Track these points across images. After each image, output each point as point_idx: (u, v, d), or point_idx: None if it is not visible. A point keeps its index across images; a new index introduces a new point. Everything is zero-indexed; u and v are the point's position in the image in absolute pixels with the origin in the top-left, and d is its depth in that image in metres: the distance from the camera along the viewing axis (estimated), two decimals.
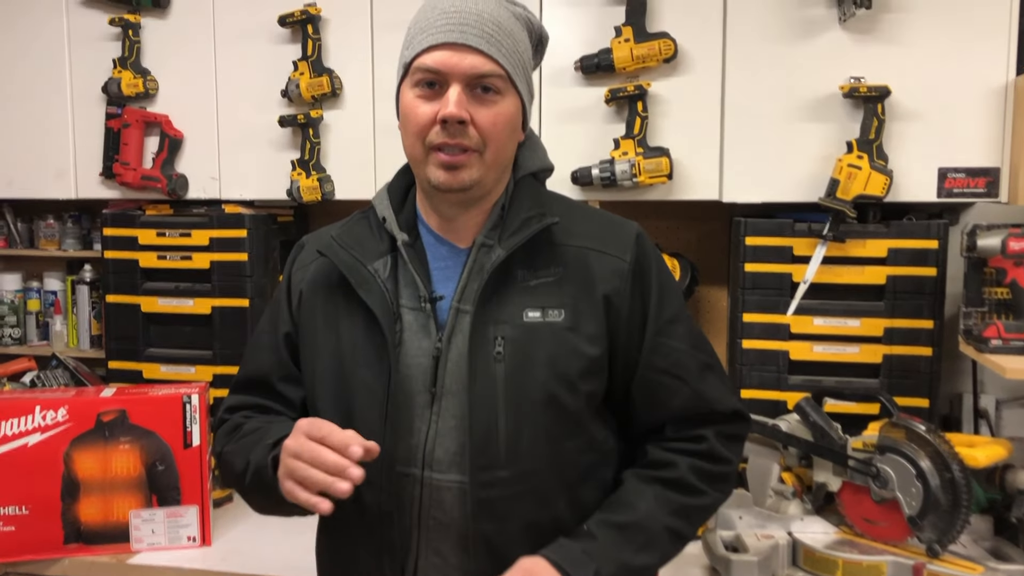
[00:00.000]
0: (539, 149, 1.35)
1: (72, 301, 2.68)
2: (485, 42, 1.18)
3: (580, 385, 1.22)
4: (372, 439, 1.17)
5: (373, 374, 1.22)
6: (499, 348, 1.20)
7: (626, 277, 1.25)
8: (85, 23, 2.36)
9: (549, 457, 1.21)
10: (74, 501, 1.93)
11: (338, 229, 1.33)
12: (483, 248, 1.24)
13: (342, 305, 1.27)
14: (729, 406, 1.28)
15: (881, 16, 1.94)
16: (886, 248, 2.02)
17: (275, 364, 1.36)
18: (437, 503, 1.21)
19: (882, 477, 1.75)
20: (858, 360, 2.06)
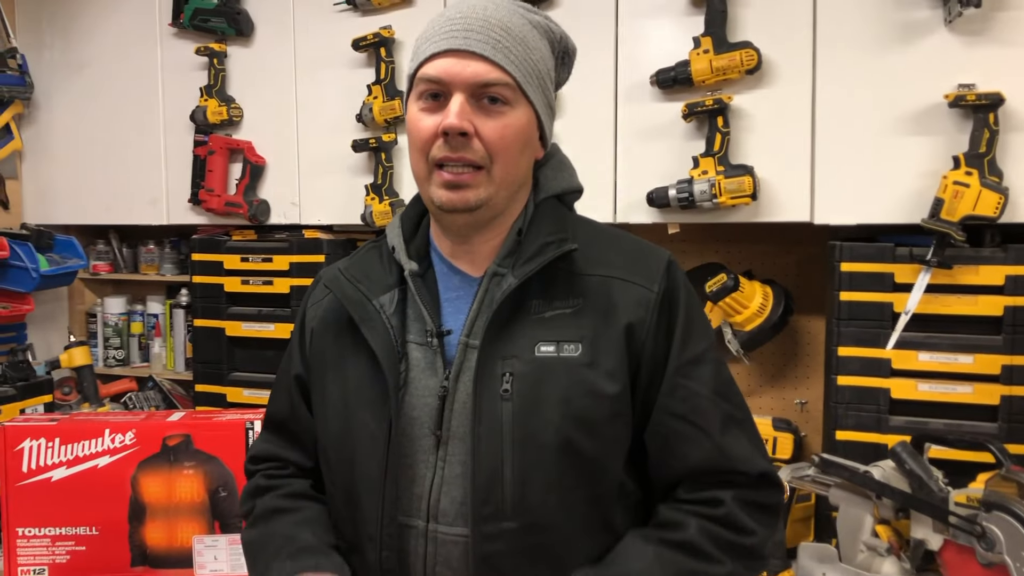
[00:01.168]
0: (566, 169, 1.23)
1: (170, 324, 2.75)
2: (490, 48, 1.07)
3: (601, 428, 1.09)
4: (372, 491, 1.11)
5: (376, 419, 1.12)
6: (506, 385, 1.09)
7: (652, 308, 1.11)
8: (176, 54, 2.43)
9: (563, 508, 1.08)
10: (140, 524, 1.95)
11: (347, 261, 1.25)
12: (495, 277, 1.13)
13: (349, 343, 1.18)
14: (757, 468, 1.11)
15: (993, 15, 1.73)
16: (1003, 275, 1.79)
17: (289, 408, 1.30)
18: (444, 560, 1.09)
19: (988, 538, 1.53)
20: (971, 401, 1.83)
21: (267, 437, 1.34)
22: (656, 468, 1.13)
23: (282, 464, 1.30)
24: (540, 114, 1.14)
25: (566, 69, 1.23)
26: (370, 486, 1.11)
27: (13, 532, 1.92)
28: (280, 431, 1.31)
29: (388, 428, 1.11)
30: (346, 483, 1.16)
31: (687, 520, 1.09)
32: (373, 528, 1.11)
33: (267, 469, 1.31)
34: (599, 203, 2.03)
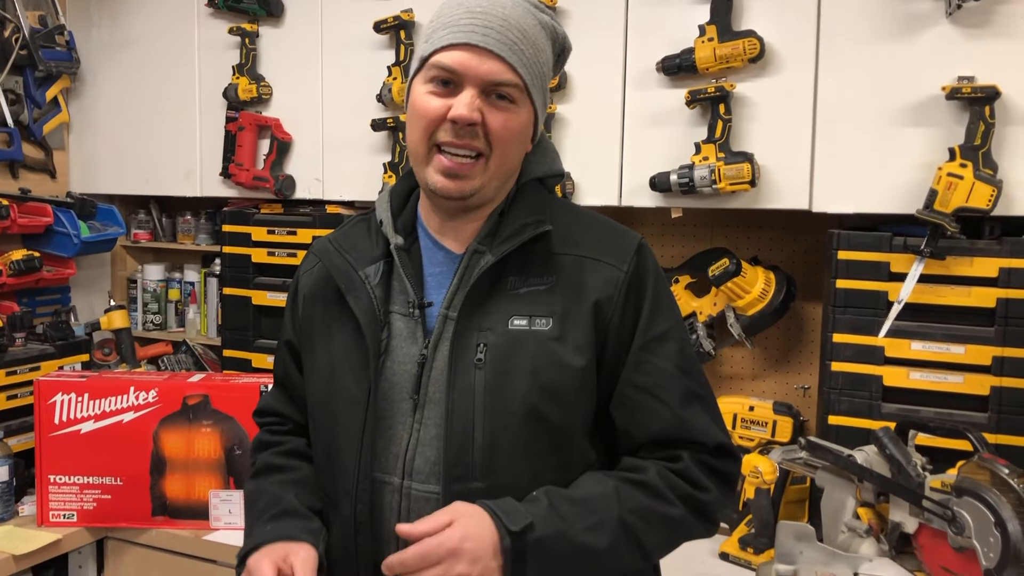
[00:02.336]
0: (549, 153, 1.30)
1: (204, 292, 2.88)
2: (508, 49, 1.13)
3: (567, 398, 1.16)
4: (351, 448, 1.20)
5: (357, 381, 1.21)
6: (480, 355, 1.16)
7: (620, 286, 1.18)
8: (211, 33, 2.54)
9: (528, 472, 1.16)
10: (161, 477, 2.08)
11: (338, 231, 1.34)
12: (475, 255, 1.21)
13: (336, 311, 1.26)
14: (714, 439, 1.18)
15: (995, 8, 1.74)
16: (997, 268, 1.80)
17: (284, 371, 1.40)
18: (416, 513, 1.17)
19: (958, 522, 1.57)
20: (962, 391, 1.85)
21: (274, 392, 1.45)
22: (621, 438, 1.21)
23: (283, 419, 1.41)
24: (538, 113, 1.21)
25: (559, 66, 1.30)
26: (349, 444, 1.20)
27: (45, 479, 2.07)
28: (281, 389, 1.42)
29: (368, 391, 1.19)
30: (327, 441, 1.26)
31: (647, 465, 1.17)
32: (349, 483, 1.20)
33: (271, 424, 1.42)
34: (605, 187, 2.09)
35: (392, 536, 1.19)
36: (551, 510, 1.10)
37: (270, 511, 1.26)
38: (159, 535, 2.09)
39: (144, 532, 2.09)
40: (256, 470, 1.37)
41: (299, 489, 1.29)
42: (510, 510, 1.09)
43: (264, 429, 1.43)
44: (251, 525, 1.28)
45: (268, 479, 1.33)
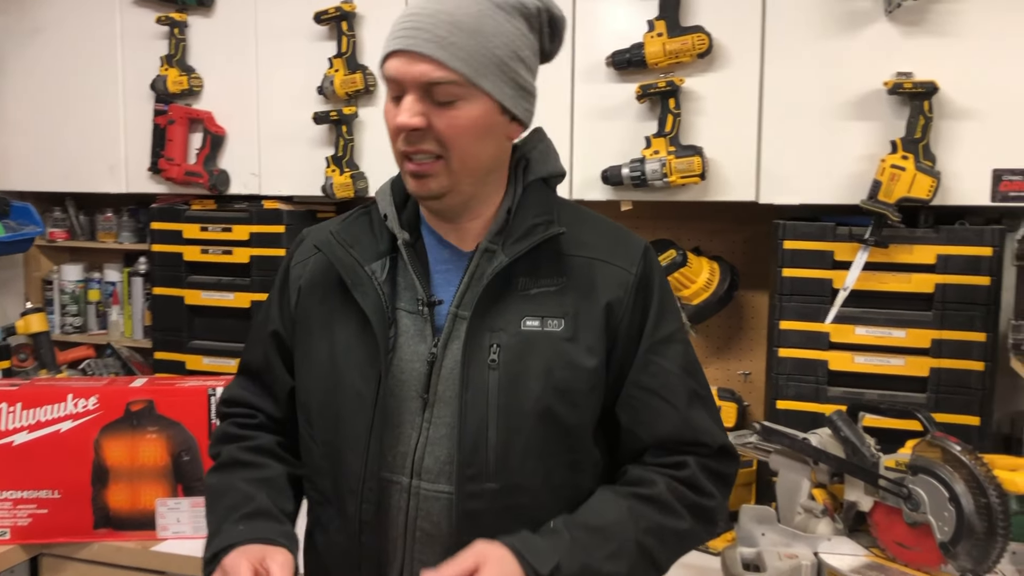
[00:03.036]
0: (552, 154, 1.29)
1: (128, 292, 2.76)
2: (434, 46, 1.10)
3: (578, 399, 1.17)
4: (356, 447, 1.18)
5: (363, 379, 1.19)
6: (494, 356, 1.16)
7: (630, 289, 1.20)
8: (136, 22, 2.43)
9: (540, 472, 1.16)
10: (103, 487, 1.98)
11: (338, 224, 1.30)
12: (486, 253, 1.19)
13: (338, 305, 1.24)
14: (718, 440, 1.21)
15: (931, 7, 1.82)
16: (935, 255, 1.90)
17: (264, 361, 1.35)
18: (425, 514, 1.17)
19: (914, 499, 1.64)
20: (903, 373, 1.94)
21: (242, 383, 1.39)
22: (626, 438, 1.22)
23: (252, 412, 1.36)
24: (500, 99, 1.16)
25: (555, 38, 1.24)
26: (355, 442, 1.18)
27: None
28: (254, 380, 1.37)
29: (376, 388, 1.17)
30: (328, 439, 1.23)
31: (656, 478, 1.19)
32: (355, 482, 1.18)
33: (238, 416, 1.37)
34: None
35: (399, 536, 1.18)
36: (573, 543, 1.11)
37: (241, 509, 1.21)
38: (102, 548, 1.99)
39: (85, 547, 1.99)
40: (221, 463, 1.32)
41: (270, 489, 1.26)
42: (535, 549, 1.08)
43: (230, 421, 1.38)
44: (219, 522, 1.22)
45: (236, 474, 1.28)
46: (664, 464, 1.21)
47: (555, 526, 1.14)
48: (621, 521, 1.15)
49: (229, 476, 1.29)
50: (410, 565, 1.18)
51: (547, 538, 1.11)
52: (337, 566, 1.23)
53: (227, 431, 1.36)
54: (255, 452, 1.32)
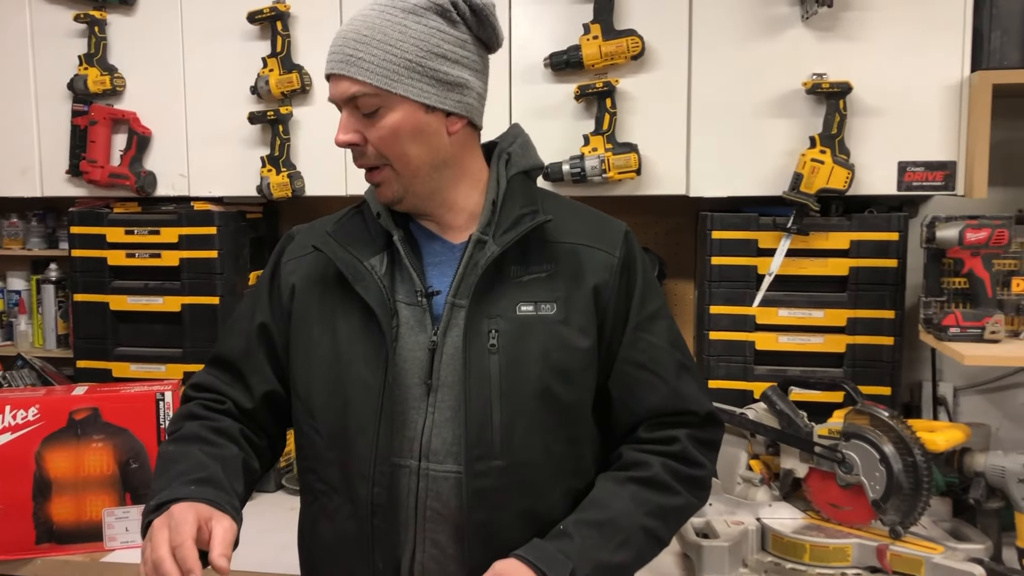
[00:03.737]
0: (531, 148, 1.37)
1: (37, 301, 2.65)
2: (347, 65, 1.20)
3: (575, 377, 1.25)
4: (365, 433, 1.22)
5: (370, 369, 1.24)
6: (493, 341, 1.22)
7: (615, 271, 1.28)
8: (49, 20, 2.34)
9: (543, 448, 1.24)
10: (46, 500, 1.92)
11: (332, 224, 1.34)
12: (478, 244, 1.26)
13: (338, 301, 1.28)
14: (704, 408, 1.31)
15: (842, 14, 1.99)
16: (848, 240, 2.07)
17: (243, 351, 1.38)
18: (435, 494, 1.22)
19: (847, 463, 1.80)
20: (822, 350, 2.11)
21: (213, 372, 1.41)
22: (619, 411, 1.30)
23: (221, 399, 1.38)
24: (421, 99, 1.21)
25: (484, 25, 1.25)
26: (363, 430, 1.22)
27: None
28: (228, 370, 1.39)
29: (383, 377, 1.22)
30: (333, 429, 1.26)
31: (650, 459, 1.27)
32: (366, 467, 1.22)
33: (205, 400, 1.38)
34: None
35: (410, 517, 1.23)
36: (584, 543, 1.18)
37: (194, 474, 1.22)
38: (46, 564, 1.93)
39: (27, 563, 1.93)
40: (181, 436, 1.32)
41: (224, 466, 1.27)
42: (550, 560, 1.15)
43: (196, 402, 1.39)
44: (168, 482, 1.21)
45: (194, 446, 1.29)
46: (656, 441, 1.29)
47: (564, 528, 1.21)
48: (625, 510, 1.23)
49: (186, 447, 1.29)
50: (422, 544, 1.23)
51: (558, 543, 1.19)
52: (347, 554, 1.27)
53: (192, 410, 1.37)
54: (216, 433, 1.33)
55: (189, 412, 1.37)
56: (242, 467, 1.31)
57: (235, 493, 1.25)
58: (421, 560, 1.23)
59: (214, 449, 1.30)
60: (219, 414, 1.37)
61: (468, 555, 1.21)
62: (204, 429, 1.33)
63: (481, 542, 1.21)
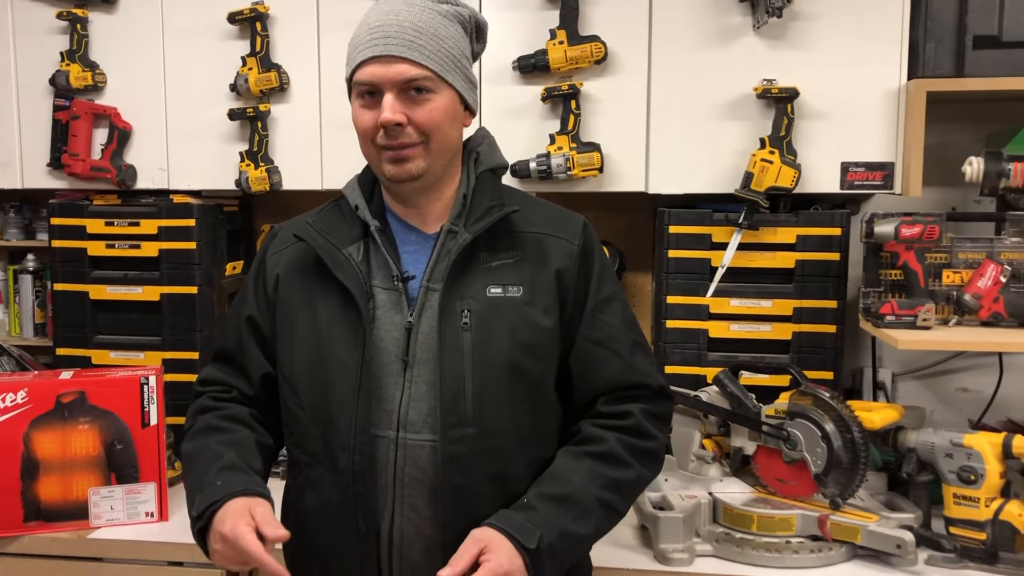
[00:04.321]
0: (496, 149, 1.50)
1: (14, 290, 2.71)
2: (408, 48, 1.31)
3: (540, 353, 1.38)
4: (345, 408, 1.34)
5: (348, 349, 1.35)
6: (466, 320, 1.35)
7: (575, 258, 1.41)
8: (30, 17, 2.40)
9: (511, 417, 1.36)
10: (34, 480, 2.00)
11: (313, 216, 1.45)
12: (450, 233, 1.38)
13: (318, 287, 1.40)
14: (657, 382, 1.44)
15: (790, 24, 2.13)
16: (795, 235, 2.22)
17: (238, 344, 1.50)
18: (412, 461, 1.34)
19: (792, 440, 1.95)
20: (771, 337, 2.26)
21: (217, 367, 1.54)
22: (579, 385, 1.43)
23: (227, 388, 1.51)
24: (461, 91, 1.38)
25: (481, 41, 1.47)
26: (343, 404, 1.34)
27: None
28: (228, 363, 1.52)
29: (360, 355, 1.33)
30: (316, 404, 1.38)
31: (606, 435, 1.40)
32: (347, 439, 1.33)
33: (213, 392, 1.51)
34: None
35: (388, 484, 1.35)
36: (547, 514, 1.31)
37: (215, 465, 1.37)
38: (33, 541, 2.01)
39: (15, 540, 2.00)
40: (195, 430, 1.47)
41: (239, 449, 1.41)
42: (520, 528, 1.28)
43: (206, 395, 1.53)
44: (197, 481, 1.37)
45: (209, 438, 1.44)
46: (612, 416, 1.42)
47: (528, 502, 1.33)
48: (583, 484, 1.36)
49: (203, 440, 1.44)
50: (401, 508, 1.35)
51: (525, 514, 1.31)
52: (332, 520, 1.38)
53: (203, 403, 1.51)
54: (227, 419, 1.47)
55: (200, 407, 1.51)
56: (256, 446, 1.45)
57: (255, 471, 1.39)
58: (400, 523, 1.35)
59: (227, 436, 1.44)
60: (227, 402, 1.50)
61: (442, 517, 1.34)
62: (215, 419, 1.46)
63: (454, 504, 1.34)
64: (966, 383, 2.51)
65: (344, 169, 2.08)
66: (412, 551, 1.36)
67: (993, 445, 1.86)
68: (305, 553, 1.44)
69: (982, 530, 1.84)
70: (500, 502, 1.35)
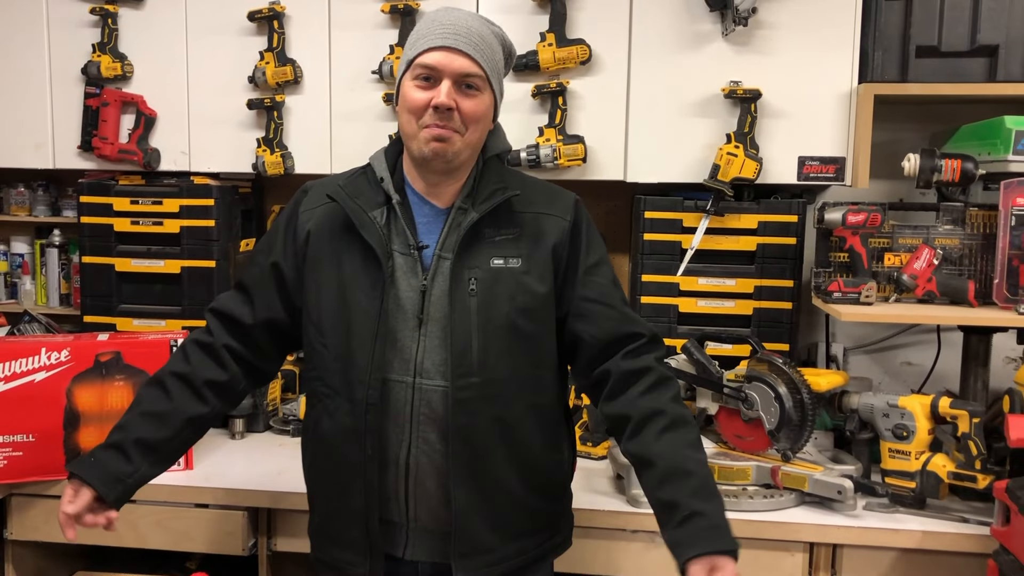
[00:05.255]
0: (502, 135, 1.75)
1: (41, 263, 2.93)
2: (473, 49, 1.56)
3: (535, 315, 1.63)
4: (364, 349, 1.59)
5: (368, 299, 1.60)
6: (472, 286, 1.59)
7: (567, 232, 1.66)
8: (63, 11, 2.62)
9: (510, 368, 1.62)
10: (75, 430, 2.23)
11: (344, 180, 1.70)
12: (460, 210, 1.63)
13: (345, 245, 1.64)
14: (649, 329, 1.69)
15: (755, 32, 2.39)
16: (756, 221, 2.48)
17: (258, 281, 1.74)
18: (426, 403, 1.60)
19: (749, 400, 2.21)
20: (734, 312, 2.52)
21: (232, 294, 1.78)
22: (585, 340, 1.66)
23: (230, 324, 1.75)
24: (497, 98, 1.64)
25: (509, 65, 1.74)
26: (362, 347, 1.59)
27: None
28: (243, 291, 1.76)
29: (379, 305, 1.58)
30: (338, 345, 1.62)
31: (657, 404, 1.59)
32: (364, 375, 1.59)
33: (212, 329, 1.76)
34: None
35: (406, 420, 1.60)
36: (714, 511, 1.48)
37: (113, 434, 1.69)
38: None
39: (58, 483, 2.23)
40: (152, 379, 1.76)
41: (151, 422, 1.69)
42: (724, 537, 1.44)
43: (202, 330, 1.77)
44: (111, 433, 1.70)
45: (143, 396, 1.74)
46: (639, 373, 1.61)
47: (695, 509, 1.46)
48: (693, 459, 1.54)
49: (140, 394, 1.74)
50: (416, 441, 1.61)
51: (706, 523, 1.44)
52: (345, 443, 1.62)
53: (184, 344, 1.78)
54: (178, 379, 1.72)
55: (182, 348, 1.77)
56: (183, 421, 1.70)
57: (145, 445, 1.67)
58: (415, 455, 1.61)
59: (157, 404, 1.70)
60: (204, 354, 1.73)
61: (450, 449, 1.60)
62: (169, 375, 1.72)
63: (461, 440, 1.59)
64: (910, 357, 2.79)
65: (351, 155, 2.38)
66: (425, 478, 1.62)
67: (923, 406, 2.13)
68: (321, 472, 1.70)
69: (912, 479, 2.12)
70: (499, 439, 1.61)
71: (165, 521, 2.23)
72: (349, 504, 1.63)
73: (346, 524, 1.65)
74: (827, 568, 2.07)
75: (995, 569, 1.87)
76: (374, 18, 2.51)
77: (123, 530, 2.18)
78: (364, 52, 2.52)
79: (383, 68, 2.48)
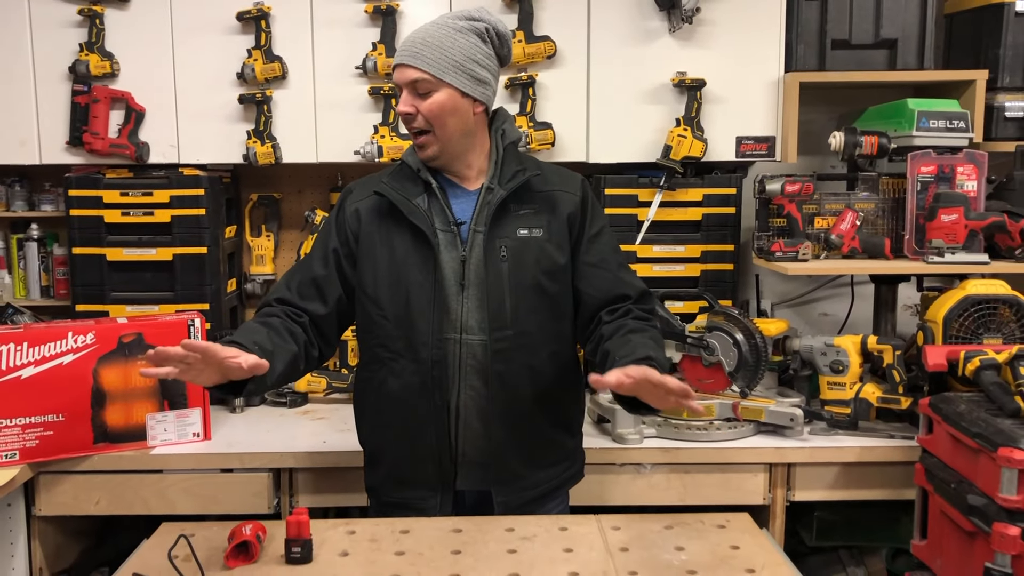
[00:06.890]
0: (515, 126, 2.00)
1: (19, 256, 3.00)
2: (414, 59, 1.81)
3: (556, 277, 1.92)
4: (423, 316, 1.84)
5: (423, 274, 1.85)
6: (504, 253, 1.87)
7: (578, 205, 1.96)
8: (47, 11, 2.71)
9: (537, 323, 1.90)
10: (101, 408, 2.37)
11: (386, 177, 1.93)
12: (488, 190, 1.90)
13: (394, 230, 1.89)
14: (640, 287, 2.00)
15: (698, 28, 2.74)
16: (701, 194, 2.84)
17: (324, 270, 1.95)
18: (471, 354, 1.87)
19: (710, 348, 2.56)
20: (684, 275, 2.87)
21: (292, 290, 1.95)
22: (585, 297, 1.96)
23: (299, 313, 1.93)
24: (461, 88, 1.84)
25: (503, 46, 1.93)
26: (422, 313, 1.86)
27: None
28: (311, 285, 1.95)
29: (433, 277, 1.84)
30: (399, 313, 1.87)
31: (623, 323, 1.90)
32: (426, 337, 1.85)
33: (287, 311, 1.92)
34: None
35: (456, 370, 1.87)
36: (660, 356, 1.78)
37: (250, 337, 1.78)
38: (101, 459, 2.37)
39: (84, 460, 2.36)
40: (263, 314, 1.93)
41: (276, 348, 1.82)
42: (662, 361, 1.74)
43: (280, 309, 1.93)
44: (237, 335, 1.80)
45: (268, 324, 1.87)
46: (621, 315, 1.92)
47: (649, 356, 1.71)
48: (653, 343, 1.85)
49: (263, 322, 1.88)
50: (464, 387, 1.88)
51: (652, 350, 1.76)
52: (415, 397, 1.88)
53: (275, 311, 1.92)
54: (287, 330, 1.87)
55: (273, 312, 1.93)
56: (289, 357, 1.85)
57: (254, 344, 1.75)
58: (464, 399, 1.88)
59: (277, 338, 1.84)
60: (294, 323, 1.92)
61: (491, 392, 1.88)
62: (278, 323, 1.88)
63: (499, 384, 1.87)
64: (826, 309, 3.22)
65: (334, 145, 2.65)
66: (471, 417, 1.89)
67: (855, 344, 2.54)
68: (388, 426, 1.94)
69: (847, 406, 2.52)
70: (528, 383, 1.89)
71: (193, 488, 2.40)
72: (421, 448, 1.89)
73: (420, 465, 1.91)
74: (783, 484, 2.45)
75: (922, 470, 2.28)
76: (356, 17, 2.72)
77: (151, 498, 2.38)
78: (346, 48, 2.73)
79: (367, 64, 2.69)
